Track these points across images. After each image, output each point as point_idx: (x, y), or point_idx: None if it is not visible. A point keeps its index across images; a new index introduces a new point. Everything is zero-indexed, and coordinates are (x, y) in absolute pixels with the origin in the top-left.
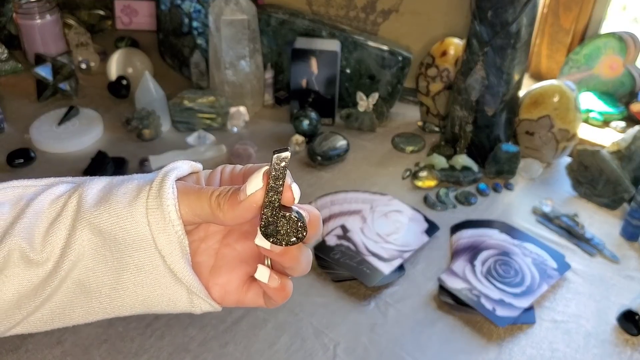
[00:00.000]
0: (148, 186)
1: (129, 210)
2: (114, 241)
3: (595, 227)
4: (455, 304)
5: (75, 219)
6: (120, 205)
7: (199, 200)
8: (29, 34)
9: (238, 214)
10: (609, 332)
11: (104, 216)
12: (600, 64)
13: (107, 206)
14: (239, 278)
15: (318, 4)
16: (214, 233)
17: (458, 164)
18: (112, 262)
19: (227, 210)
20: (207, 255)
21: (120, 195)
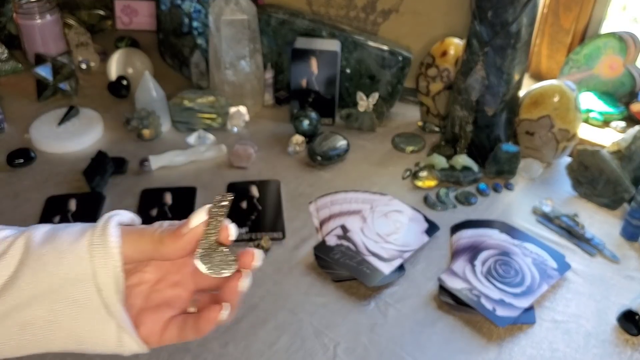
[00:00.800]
0: (92, 228)
1: (73, 246)
2: (55, 276)
3: (595, 227)
4: (455, 304)
5: (23, 257)
6: (65, 243)
7: (142, 237)
8: (29, 34)
9: (180, 246)
10: (609, 332)
11: (50, 253)
12: (600, 64)
13: (53, 244)
14: (163, 319)
15: (318, 4)
16: (147, 281)
17: (458, 164)
18: (49, 295)
19: (169, 244)
20: (138, 298)
21: (65, 235)
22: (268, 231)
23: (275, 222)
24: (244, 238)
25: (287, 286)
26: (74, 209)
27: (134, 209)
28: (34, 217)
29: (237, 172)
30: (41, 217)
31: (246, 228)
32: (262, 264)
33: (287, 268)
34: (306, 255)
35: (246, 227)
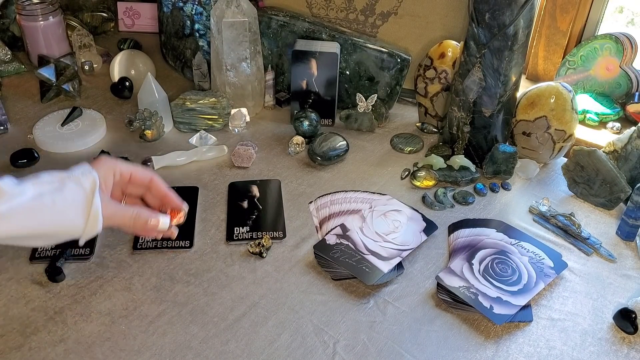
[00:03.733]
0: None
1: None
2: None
3: (591, 226)
4: (453, 302)
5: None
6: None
7: (122, 214)
8: (32, 35)
9: (144, 234)
10: (606, 330)
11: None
12: (596, 66)
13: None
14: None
15: (318, 6)
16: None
17: (456, 164)
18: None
19: (138, 228)
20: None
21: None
22: (269, 230)
23: (276, 222)
24: (245, 237)
25: (288, 284)
26: None
27: None
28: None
29: (238, 172)
30: None
31: (247, 227)
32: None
33: (287, 267)
34: (306, 254)
35: (247, 226)
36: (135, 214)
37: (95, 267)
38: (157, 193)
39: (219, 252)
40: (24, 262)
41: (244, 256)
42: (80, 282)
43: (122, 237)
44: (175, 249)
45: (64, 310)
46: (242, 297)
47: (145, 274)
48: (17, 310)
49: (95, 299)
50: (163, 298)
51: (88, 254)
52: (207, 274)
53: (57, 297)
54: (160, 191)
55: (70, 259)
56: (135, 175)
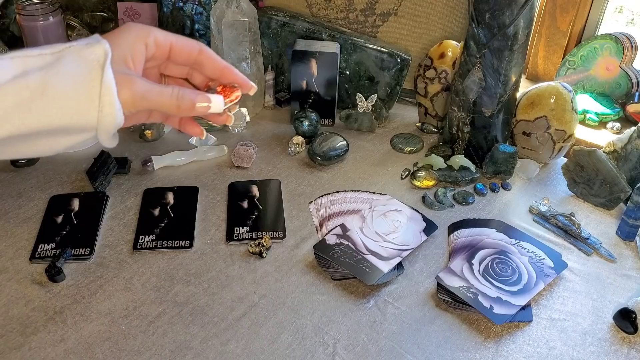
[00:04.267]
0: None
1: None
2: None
3: (591, 226)
4: (453, 302)
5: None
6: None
7: (157, 93)
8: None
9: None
10: (606, 330)
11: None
12: (596, 66)
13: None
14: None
15: (318, 6)
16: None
17: (456, 164)
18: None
19: (183, 109)
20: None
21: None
22: (269, 230)
23: (276, 222)
24: (245, 237)
25: (288, 284)
26: (77, 209)
27: (137, 208)
28: (37, 217)
29: (238, 172)
30: (44, 216)
31: (247, 227)
32: (263, 263)
33: (287, 267)
34: (306, 254)
35: (247, 226)
36: (177, 92)
37: (95, 267)
38: (211, 69)
39: (219, 252)
40: (24, 262)
41: (244, 256)
42: (80, 282)
43: (122, 236)
44: (175, 248)
45: (64, 310)
46: (242, 297)
47: (145, 274)
48: (17, 310)
49: (95, 299)
50: (163, 298)
51: (88, 254)
52: (207, 274)
53: (57, 297)
54: (216, 65)
55: (70, 259)
56: (177, 47)
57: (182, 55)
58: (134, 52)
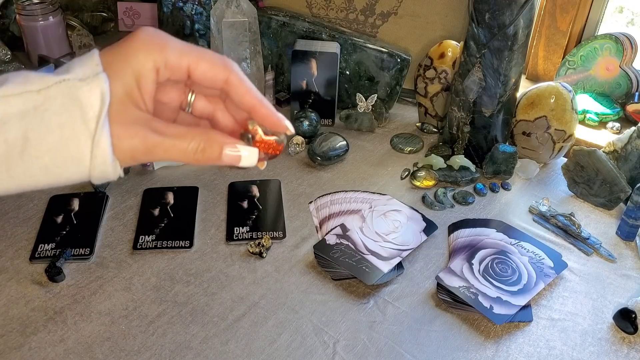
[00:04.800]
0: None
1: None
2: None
3: (591, 226)
4: (453, 302)
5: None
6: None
7: (167, 148)
8: (32, 35)
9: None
10: (606, 330)
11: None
12: (596, 66)
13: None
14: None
15: (318, 6)
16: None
17: (456, 164)
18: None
19: (203, 163)
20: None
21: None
22: (269, 230)
23: (276, 222)
24: (245, 237)
25: (288, 284)
26: (76, 209)
27: (137, 208)
28: (37, 217)
29: (238, 172)
30: (44, 216)
31: (247, 227)
32: (263, 263)
33: (287, 267)
34: (306, 254)
35: (247, 226)
36: (196, 146)
37: (95, 267)
38: (240, 102)
39: (219, 252)
40: (24, 262)
41: (244, 256)
42: (80, 282)
43: (122, 236)
44: (175, 249)
45: (64, 310)
46: (242, 297)
47: (145, 274)
48: (17, 310)
49: (95, 299)
50: (163, 298)
51: (88, 254)
52: (207, 274)
53: (57, 297)
54: (244, 100)
55: (70, 259)
56: (198, 73)
57: (205, 83)
58: (141, 81)
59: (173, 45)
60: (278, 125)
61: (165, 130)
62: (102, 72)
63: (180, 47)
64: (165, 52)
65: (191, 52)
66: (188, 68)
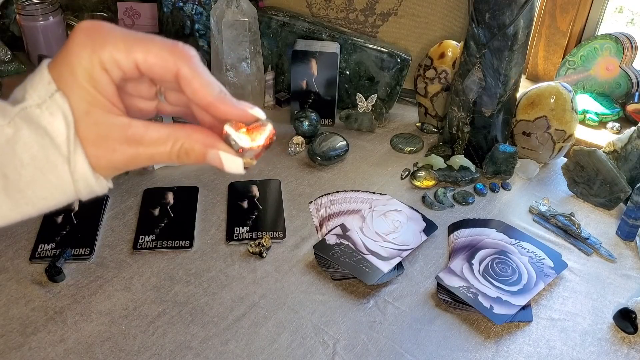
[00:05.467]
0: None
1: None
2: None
3: (591, 226)
4: (453, 302)
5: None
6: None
7: (149, 153)
8: (32, 35)
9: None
10: (606, 330)
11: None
12: (596, 66)
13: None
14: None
15: (318, 6)
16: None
17: (456, 164)
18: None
19: (190, 164)
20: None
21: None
22: (269, 230)
23: (276, 222)
24: (245, 237)
25: (288, 284)
26: (76, 208)
27: (137, 208)
28: (37, 217)
29: None
30: (45, 216)
31: (247, 227)
32: (263, 263)
33: (287, 267)
34: (306, 254)
35: (247, 226)
36: (178, 148)
37: (95, 267)
38: (193, 99)
39: (219, 252)
40: (24, 262)
41: (244, 256)
42: (80, 282)
43: (122, 236)
44: (175, 248)
45: (64, 310)
46: (242, 297)
47: (145, 274)
48: (17, 310)
49: (95, 299)
50: (163, 298)
51: (88, 253)
52: (207, 274)
53: (57, 297)
54: (197, 96)
55: (70, 259)
56: (146, 68)
57: (155, 77)
58: (97, 86)
59: (113, 40)
60: (244, 117)
61: (144, 135)
62: (56, 92)
63: (123, 39)
64: (106, 49)
65: (136, 44)
66: (135, 63)
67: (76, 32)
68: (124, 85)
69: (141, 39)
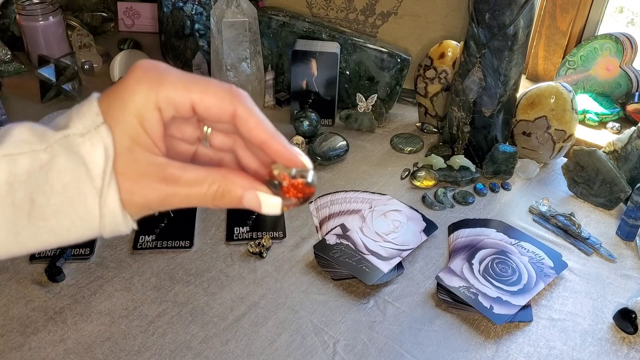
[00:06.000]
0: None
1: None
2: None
3: (591, 226)
4: (453, 302)
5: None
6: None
7: (183, 195)
8: (32, 35)
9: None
10: (606, 330)
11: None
12: (596, 66)
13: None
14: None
15: (318, 6)
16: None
17: (456, 164)
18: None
19: (223, 207)
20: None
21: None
22: (269, 230)
23: (276, 222)
24: (245, 237)
25: (288, 284)
26: None
27: None
28: None
29: None
30: None
31: (247, 227)
32: (263, 263)
33: (287, 267)
34: (306, 254)
35: (247, 226)
36: (214, 190)
37: (95, 267)
38: (248, 137)
39: (219, 252)
40: (24, 262)
41: (244, 256)
42: (80, 282)
43: (122, 236)
44: (175, 248)
45: (64, 310)
46: (242, 297)
47: (145, 274)
48: (17, 310)
49: (95, 299)
50: (163, 298)
51: (88, 253)
52: (207, 274)
53: (57, 297)
54: (253, 134)
55: (70, 259)
56: (202, 108)
57: (211, 118)
58: (145, 124)
59: (172, 79)
60: (293, 162)
61: (181, 176)
62: (102, 124)
63: (181, 80)
64: (164, 88)
65: (193, 84)
66: (191, 103)
67: (135, 69)
68: (169, 127)
69: (198, 80)
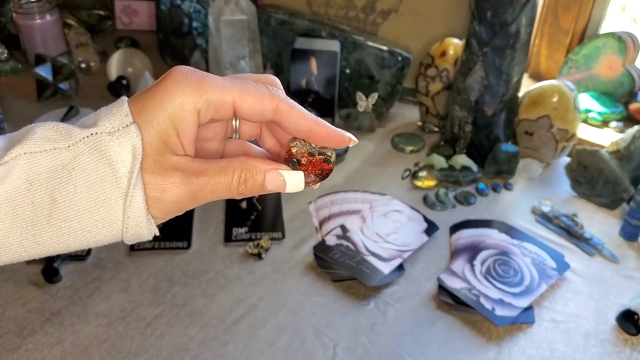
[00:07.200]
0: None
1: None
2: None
3: (594, 226)
4: (455, 304)
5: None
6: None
7: (210, 189)
8: (29, 34)
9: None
10: (608, 331)
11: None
12: (599, 64)
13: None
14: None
15: (318, 4)
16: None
17: (457, 164)
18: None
19: (248, 194)
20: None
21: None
22: (268, 231)
23: (275, 222)
24: (243, 238)
25: (287, 286)
26: None
27: None
28: None
29: None
30: None
31: (246, 228)
32: (262, 264)
33: (286, 268)
34: (306, 255)
35: (246, 227)
36: (238, 178)
37: (93, 268)
38: (293, 131)
39: (217, 253)
40: (20, 263)
41: (243, 257)
42: (77, 284)
43: None
44: (173, 249)
45: (60, 311)
46: (240, 298)
47: (143, 275)
48: (14, 312)
49: (93, 301)
50: (161, 299)
51: (85, 254)
52: (205, 275)
53: (54, 299)
54: (300, 125)
55: (67, 260)
56: (243, 109)
57: (253, 117)
58: (180, 126)
59: (212, 82)
60: (343, 140)
61: (207, 168)
62: (132, 124)
63: (221, 82)
64: (204, 90)
65: (233, 86)
66: (233, 104)
67: (173, 72)
68: (203, 129)
69: (236, 82)
